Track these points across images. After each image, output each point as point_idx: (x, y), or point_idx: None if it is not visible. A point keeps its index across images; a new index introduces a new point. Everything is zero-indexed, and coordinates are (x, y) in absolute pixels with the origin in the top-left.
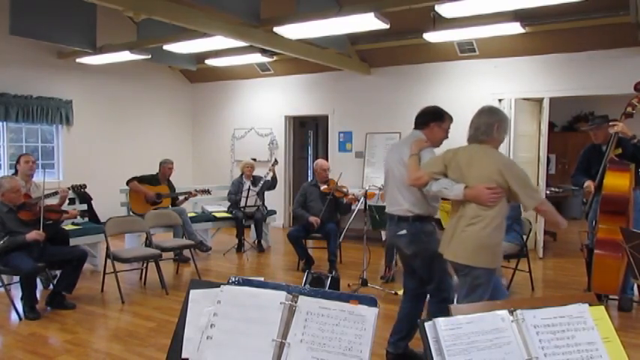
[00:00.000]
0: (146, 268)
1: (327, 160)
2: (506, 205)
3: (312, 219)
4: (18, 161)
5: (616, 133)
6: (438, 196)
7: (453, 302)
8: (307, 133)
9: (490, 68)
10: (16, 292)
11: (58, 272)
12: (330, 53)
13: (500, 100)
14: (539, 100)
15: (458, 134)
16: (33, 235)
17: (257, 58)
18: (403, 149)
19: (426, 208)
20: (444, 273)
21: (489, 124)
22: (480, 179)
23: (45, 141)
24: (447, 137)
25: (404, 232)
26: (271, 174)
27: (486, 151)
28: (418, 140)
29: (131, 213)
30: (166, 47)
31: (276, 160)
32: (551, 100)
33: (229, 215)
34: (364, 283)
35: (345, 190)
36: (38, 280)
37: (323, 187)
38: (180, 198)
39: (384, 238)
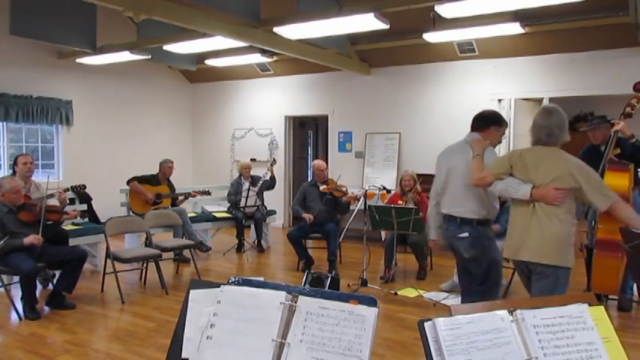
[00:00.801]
0: (146, 268)
1: (327, 160)
2: (574, 204)
3: (305, 215)
4: (15, 162)
5: (615, 132)
6: (503, 195)
7: None
8: (307, 133)
9: (490, 68)
10: (16, 292)
11: (56, 272)
12: (330, 53)
13: (500, 101)
14: (539, 101)
15: (458, 133)
16: (30, 239)
17: (257, 58)
18: (469, 150)
19: (489, 209)
20: (497, 281)
21: (560, 126)
22: (547, 181)
23: (45, 141)
24: (501, 142)
25: (465, 234)
26: (270, 174)
27: (555, 153)
28: (479, 140)
29: (131, 213)
30: (166, 47)
31: (274, 160)
32: (551, 100)
33: (229, 215)
34: (364, 283)
35: (344, 189)
36: (37, 280)
37: (322, 187)
38: (180, 198)
39: (383, 238)
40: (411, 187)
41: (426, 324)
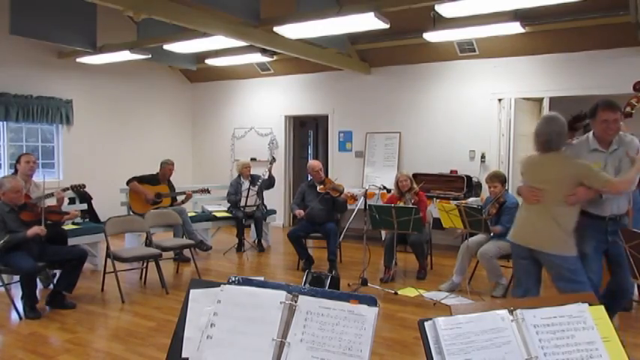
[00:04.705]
0: (146, 267)
1: (327, 159)
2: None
3: (297, 212)
4: (18, 161)
5: None
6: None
7: None
8: (307, 133)
9: (490, 68)
10: (17, 292)
11: (56, 271)
12: (330, 53)
13: (500, 100)
14: (539, 100)
15: (458, 133)
16: (34, 230)
17: (257, 57)
18: None
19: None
20: None
21: (559, 133)
22: (544, 181)
23: (45, 141)
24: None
25: None
26: (268, 172)
27: (554, 159)
28: None
29: (131, 213)
30: (166, 47)
31: (273, 158)
32: (551, 99)
33: (229, 215)
34: (364, 282)
35: (340, 189)
36: (37, 279)
37: (319, 187)
38: (180, 199)
39: (383, 238)
40: (409, 187)
41: (426, 323)
